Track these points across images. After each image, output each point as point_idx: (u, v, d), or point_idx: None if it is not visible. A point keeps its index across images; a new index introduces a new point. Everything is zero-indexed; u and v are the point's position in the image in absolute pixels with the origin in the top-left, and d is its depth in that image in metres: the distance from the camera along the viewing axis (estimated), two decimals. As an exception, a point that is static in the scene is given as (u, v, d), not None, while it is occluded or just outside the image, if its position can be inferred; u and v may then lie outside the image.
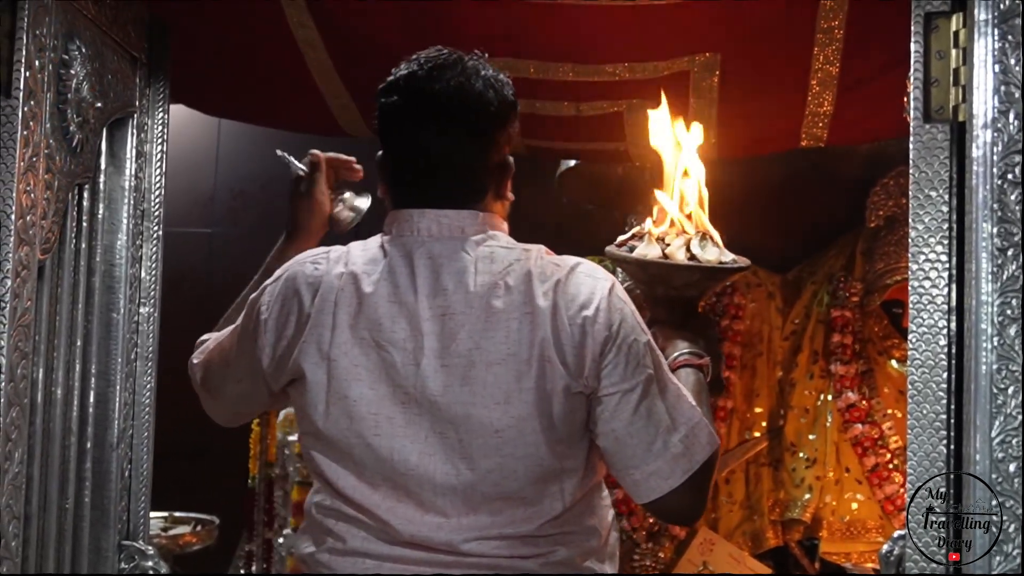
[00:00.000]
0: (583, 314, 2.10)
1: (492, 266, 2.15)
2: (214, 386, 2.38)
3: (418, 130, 2.21)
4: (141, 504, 2.71)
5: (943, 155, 2.23)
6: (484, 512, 2.12)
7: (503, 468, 2.10)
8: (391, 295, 2.15)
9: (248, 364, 2.26)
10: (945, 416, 2.20)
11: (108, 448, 2.63)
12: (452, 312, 2.12)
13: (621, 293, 2.16)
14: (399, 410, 2.12)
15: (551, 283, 2.12)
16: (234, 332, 2.32)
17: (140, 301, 2.74)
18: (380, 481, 2.14)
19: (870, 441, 4.39)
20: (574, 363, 2.09)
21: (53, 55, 2.31)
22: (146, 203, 2.75)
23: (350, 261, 2.21)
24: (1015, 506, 2.07)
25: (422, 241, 2.18)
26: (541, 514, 2.14)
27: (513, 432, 2.09)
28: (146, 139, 2.76)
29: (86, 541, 2.60)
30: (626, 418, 2.13)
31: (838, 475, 4.43)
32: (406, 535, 2.14)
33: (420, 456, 2.11)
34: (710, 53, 3.39)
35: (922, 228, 2.24)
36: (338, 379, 2.14)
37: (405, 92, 2.23)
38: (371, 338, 2.14)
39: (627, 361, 2.12)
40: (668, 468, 2.16)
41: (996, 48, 2.12)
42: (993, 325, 2.09)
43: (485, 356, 2.10)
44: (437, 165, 2.21)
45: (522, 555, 2.14)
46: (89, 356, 2.61)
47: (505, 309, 2.10)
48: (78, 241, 2.58)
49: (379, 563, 2.16)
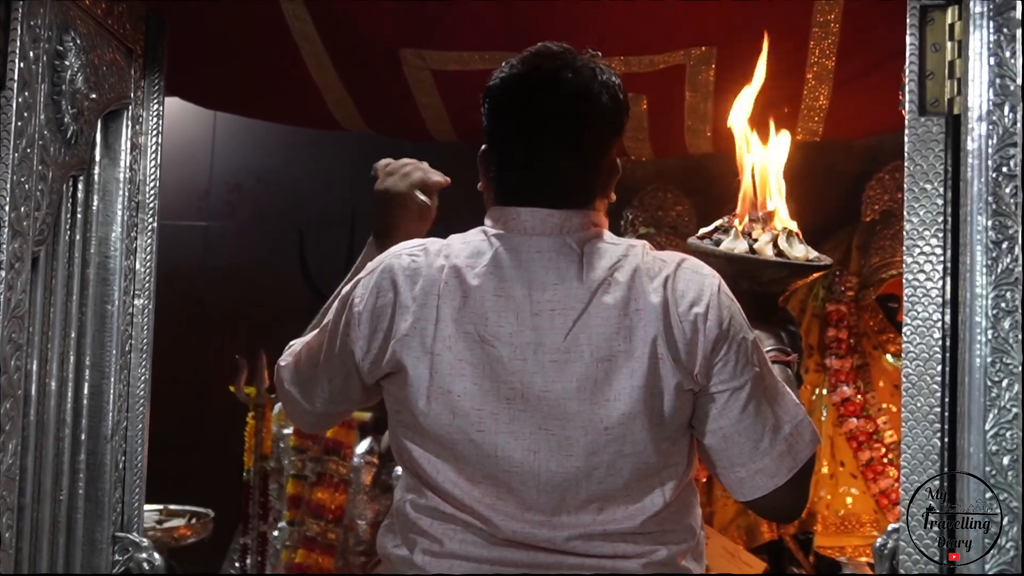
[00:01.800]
0: (694, 311, 2.07)
1: (600, 261, 2.11)
2: (304, 387, 2.32)
3: (532, 133, 2.15)
4: (135, 496, 2.71)
5: (938, 148, 2.23)
6: (587, 510, 2.09)
7: (610, 466, 2.07)
8: (497, 288, 2.10)
9: (341, 359, 2.20)
10: (939, 409, 2.20)
11: (102, 440, 2.63)
12: (561, 307, 2.08)
13: (728, 291, 2.13)
14: (504, 406, 2.08)
15: (660, 279, 2.09)
16: (324, 329, 2.27)
17: (135, 293, 2.74)
18: (481, 478, 2.10)
19: (865, 435, 4.40)
20: (685, 360, 2.06)
21: (48, 46, 2.30)
22: (141, 195, 2.75)
23: (452, 254, 2.15)
24: (1009, 499, 2.07)
25: (529, 237, 2.14)
26: (643, 511, 2.10)
27: (622, 429, 2.06)
28: (141, 131, 2.76)
29: (80, 533, 2.60)
30: (735, 416, 2.11)
31: (833, 469, 4.44)
32: (507, 532, 2.10)
33: (525, 453, 2.08)
34: (706, 47, 3.40)
35: (917, 221, 2.24)
36: (441, 374, 2.09)
37: (521, 91, 2.17)
38: (476, 332, 2.09)
39: (737, 359, 2.09)
40: (774, 466, 2.14)
41: (991, 41, 2.12)
42: (987, 318, 2.09)
43: (595, 352, 2.06)
44: (550, 169, 2.15)
45: (624, 554, 2.10)
46: (83, 348, 2.61)
47: (615, 305, 2.07)
48: (72, 233, 2.58)
49: (477, 565, 2.12)
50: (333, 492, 4.60)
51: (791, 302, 4.65)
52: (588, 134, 2.16)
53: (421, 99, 3.93)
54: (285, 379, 2.34)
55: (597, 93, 2.15)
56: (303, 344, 2.34)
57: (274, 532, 4.72)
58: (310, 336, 2.33)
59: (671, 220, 4.65)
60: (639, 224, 4.88)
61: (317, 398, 2.30)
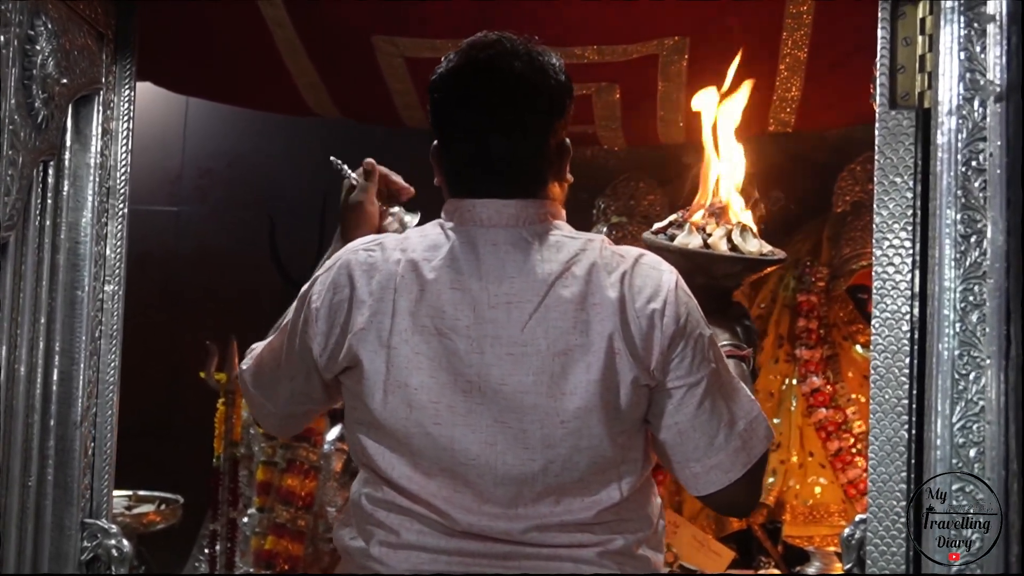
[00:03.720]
0: (651, 307, 2.08)
1: (558, 255, 2.11)
2: (267, 388, 2.32)
3: (476, 122, 2.16)
4: (104, 482, 2.70)
5: (908, 141, 2.24)
6: (544, 502, 2.10)
7: (566, 459, 2.07)
8: (454, 281, 2.10)
9: (301, 357, 2.20)
10: (907, 401, 2.22)
11: (72, 426, 2.62)
12: (518, 300, 2.09)
13: (685, 286, 2.14)
14: (460, 399, 2.08)
15: (617, 274, 2.09)
16: (284, 329, 2.27)
17: (105, 279, 2.72)
18: (437, 471, 2.11)
19: (834, 426, 4.41)
20: (642, 356, 2.07)
21: (18, 31, 2.29)
22: (112, 180, 2.74)
23: (408, 248, 2.15)
24: (975, 491, 2.09)
25: (486, 229, 2.14)
26: (599, 503, 2.11)
27: (578, 423, 2.06)
28: (112, 116, 2.74)
29: (48, 519, 2.59)
30: (691, 412, 2.12)
31: (802, 459, 4.45)
32: (464, 525, 2.10)
33: (481, 446, 2.08)
34: (679, 37, 3.40)
35: (886, 214, 2.25)
36: (398, 367, 2.09)
37: (460, 86, 2.19)
38: (433, 325, 2.09)
39: (693, 355, 2.10)
40: (729, 462, 2.15)
41: (962, 35, 2.13)
42: (955, 311, 2.10)
43: (552, 346, 2.07)
44: (497, 157, 2.16)
45: (580, 543, 2.12)
46: (53, 334, 2.60)
47: (572, 299, 2.07)
48: (43, 218, 2.57)
49: (435, 556, 2.12)
50: (303, 479, 4.60)
51: (762, 291, 4.67)
52: (531, 119, 2.16)
53: (394, 85, 3.93)
54: (248, 382, 2.36)
55: (536, 78, 2.16)
56: (265, 345, 2.34)
57: (244, 519, 4.71)
58: (271, 337, 2.33)
59: (643, 209, 4.65)
60: (611, 213, 4.88)
61: (280, 398, 2.31)
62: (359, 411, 2.17)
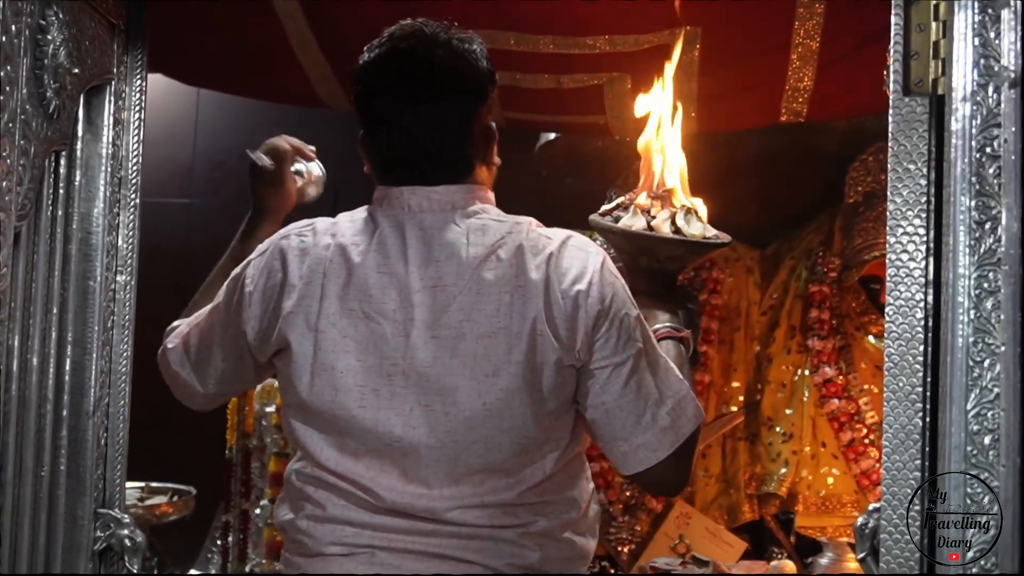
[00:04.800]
0: (576, 288, 2.10)
1: (484, 238, 2.14)
2: (196, 368, 2.35)
3: (397, 111, 2.20)
4: (117, 473, 2.71)
5: (922, 128, 2.23)
6: (467, 482, 2.13)
7: (488, 440, 2.11)
8: (381, 265, 2.14)
9: (233, 339, 2.26)
10: (921, 389, 2.21)
11: (84, 416, 2.62)
12: (443, 283, 2.12)
13: (612, 267, 2.17)
14: (385, 382, 2.12)
15: (543, 256, 2.12)
16: (215, 311, 2.31)
17: (117, 269, 2.73)
18: (363, 452, 2.15)
19: (846, 416, 4.40)
20: (566, 336, 2.09)
21: (30, 20, 2.29)
22: (123, 171, 2.74)
23: (338, 232, 2.20)
24: (990, 478, 2.08)
25: (413, 214, 2.18)
26: (522, 483, 2.15)
27: (500, 404, 2.09)
28: (123, 106, 2.74)
29: (62, 509, 2.59)
30: (617, 391, 2.14)
31: (814, 450, 4.44)
32: (388, 502, 2.14)
33: (405, 428, 2.12)
34: (691, 27, 3.39)
35: (900, 201, 2.24)
36: (325, 350, 2.14)
37: (380, 75, 2.23)
38: (360, 309, 2.14)
39: (619, 335, 2.13)
40: (656, 440, 2.18)
41: (976, 21, 2.12)
42: (970, 298, 2.09)
43: (475, 328, 2.10)
44: (420, 145, 2.20)
45: (502, 524, 2.15)
46: (65, 324, 2.60)
47: (497, 282, 2.10)
48: (54, 208, 2.57)
49: (359, 531, 2.16)
50: (315, 470, 4.59)
51: (774, 282, 4.66)
52: (452, 106, 2.20)
53: (405, 77, 3.92)
54: (173, 361, 2.38)
55: (456, 65, 2.19)
56: (191, 326, 2.38)
57: (256, 510, 4.71)
58: (196, 318, 2.36)
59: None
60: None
61: (210, 379, 2.35)
62: (289, 394, 2.21)
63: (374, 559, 2.15)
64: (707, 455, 4.55)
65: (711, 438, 4.54)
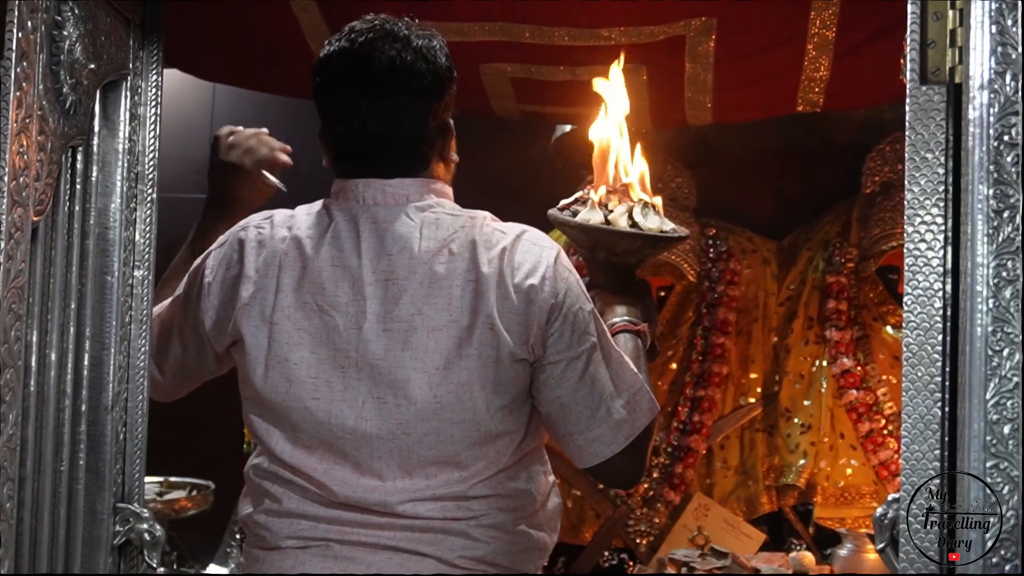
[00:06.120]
0: (529, 282, 2.12)
1: (437, 232, 2.16)
2: (157, 358, 2.43)
3: (354, 106, 2.22)
4: (136, 467, 2.71)
5: (939, 117, 2.22)
6: (419, 475, 2.16)
7: (440, 432, 2.13)
8: (335, 259, 2.17)
9: (193, 329, 2.29)
10: (940, 378, 2.20)
11: (103, 411, 2.63)
12: (395, 277, 2.14)
13: (566, 262, 2.19)
14: (338, 374, 2.15)
15: (496, 250, 2.14)
16: (175, 301, 2.34)
17: (135, 264, 2.73)
18: (317, 444, 2.18)
19: (864, 407, 4.39)
20: (519, 331, 2.11)
21: (46, 16, 2.30)
22: (140, 166, 2.74)
23: (295, 225, 2.24)
24: (1010, 468, 2.07)
25: (367, 208, 2.20)
26: (474, 476, 2.18)
27: (452, 397, 2.12)
28: (140, 102, 2.74)
29: (81, 503, 2.60)
30: (571, 385, 2.16)
31: (832, 441, 4.44)
32: (341, 497, 2.17)
33: (357, 420, 2.15)
34: (706, 17, 3.38)
35: (918, 190, 2.23)
36: (279, 342, 2.17)
37: (338, 69, 2.25)
38: (314, 302, 2.17)
39: (572, 329, 2.15)
40: (611, 434, 2.21)
41: (993, 9, 2.11)
42: (988, 287, 2.08)
43: (427, 322, 2.12)
44: (377, 139, 2.23)
45: (455, 517, 2.18)
46: (83, 319, 2.60)
47: (448, 275, 2.12)
48: (72, 203, 2.57)
49: (314, 524, 2.20)
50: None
51: (791, 273, 4.65)
52: (408, 101, 2.23)
53: (420, 70, 3.92)
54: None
55: (411, 61, 2.21)
56: (153, 317, 2.41)
57: (274, 504, 4.72)
58: (160, 308, 2.38)
59: (671, 192, 4.62)
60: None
61: (169, 369, 2.38)
62: (247, 387, 2.26)
63: (328, 551, 2.18)
64: (725, 447, 4.56)
65: (729, 430, 4.55)
